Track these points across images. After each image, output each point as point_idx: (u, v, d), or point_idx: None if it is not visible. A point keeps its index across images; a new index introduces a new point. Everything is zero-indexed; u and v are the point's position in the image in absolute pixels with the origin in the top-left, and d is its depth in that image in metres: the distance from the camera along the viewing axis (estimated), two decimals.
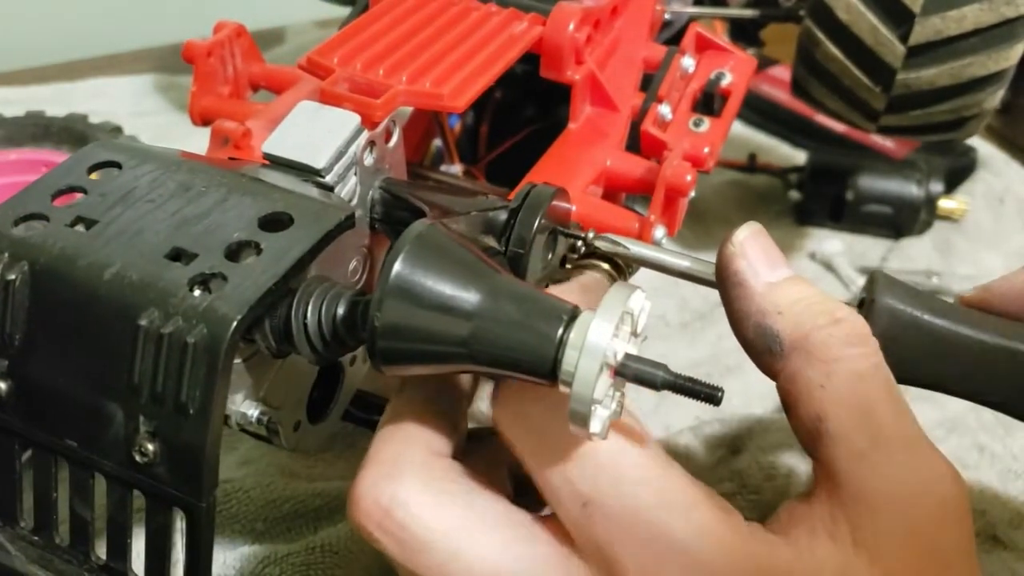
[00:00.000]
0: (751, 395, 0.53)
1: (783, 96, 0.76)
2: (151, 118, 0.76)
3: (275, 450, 0.47)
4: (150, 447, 0.26)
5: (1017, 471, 0.49)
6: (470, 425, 0.42)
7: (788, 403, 0.30)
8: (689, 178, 0.38)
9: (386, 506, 0.28)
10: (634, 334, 0.26)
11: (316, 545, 0.42)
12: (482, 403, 0.45)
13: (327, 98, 0.34)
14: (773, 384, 0.31)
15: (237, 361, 0.30)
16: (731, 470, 0.48)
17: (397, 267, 0.26)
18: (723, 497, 0.29)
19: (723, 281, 0.31)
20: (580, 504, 0.28)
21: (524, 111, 0.50)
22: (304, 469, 0.48)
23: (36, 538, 0.29)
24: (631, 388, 0.27)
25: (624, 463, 0.28)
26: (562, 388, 0.25)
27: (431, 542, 0.28)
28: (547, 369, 0.26)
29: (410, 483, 0.28)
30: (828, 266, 0.65)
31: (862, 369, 0.29)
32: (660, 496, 0.27)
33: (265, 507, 0.44)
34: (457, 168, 0.48)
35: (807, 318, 0.30)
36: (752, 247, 0.31)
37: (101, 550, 0.28)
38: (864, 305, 0.33)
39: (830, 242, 0.66)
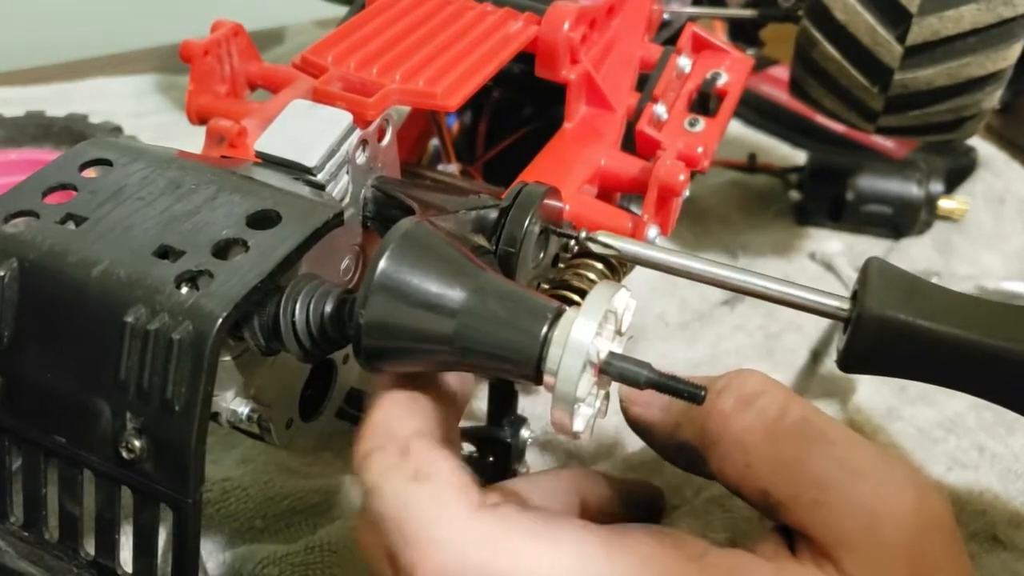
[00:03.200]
0: None
1: (783, 96, 0.75)
2: (151, 118, 0.76)
3: (274, 448, 0.47)
4: (137, 444, 0.26)
5: (1017, 471, 0.49)
6: (471, 424, 0.42)
7: (738, 493, 0.31)
8: (682, 178, 0.38)
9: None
10: (619, 333, 0.26)
11: (315, 544, 0.42)
12: (480, 402, 0.45)
13: (320, 97, 0.34)
14: None
15: (227, 359, 0.30)
16: None
17: (383, 264, 0.26)
18: (720, 497, 0.29)
19: (635, 430, 0.34)
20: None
21: (522, 111, 0.50)
22: (303, 467, 0.48)
23: (26, 534, 0.29)
24: None
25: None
26: (546, 386, 0.25)
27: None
28: (531, 367, 0.26)
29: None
30: (828, 266, 0.64)
31: (767, 428, 0.29)
32: None
33: (263, 505, 0.44)
34: (454, 167, 0.48)
35: (698, 412, 0.31)
36: (637, 394, 0.33)
37: (90, 546, 0.28)
38: (856, 297, 0.32)
39: (830, 242, 0.66)
